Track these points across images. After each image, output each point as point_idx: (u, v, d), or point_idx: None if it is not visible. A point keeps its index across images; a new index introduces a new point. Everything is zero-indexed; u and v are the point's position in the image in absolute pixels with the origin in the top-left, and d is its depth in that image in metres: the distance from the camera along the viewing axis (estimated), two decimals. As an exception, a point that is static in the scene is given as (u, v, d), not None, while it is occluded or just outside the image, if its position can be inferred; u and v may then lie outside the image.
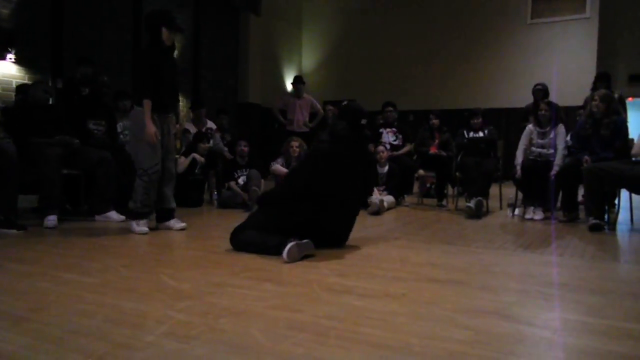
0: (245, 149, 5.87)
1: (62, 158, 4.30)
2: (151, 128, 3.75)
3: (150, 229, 3.97)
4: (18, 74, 6.62)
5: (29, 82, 5.96)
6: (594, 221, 4.31)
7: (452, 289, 2.43)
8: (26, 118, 4.40)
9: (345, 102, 3.81)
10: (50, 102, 4.72)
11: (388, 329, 1.84)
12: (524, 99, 9.96)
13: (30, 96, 4.60)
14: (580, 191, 4.90)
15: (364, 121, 3.37)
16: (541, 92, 6.20)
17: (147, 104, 3.74)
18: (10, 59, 6.50)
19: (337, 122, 3.42)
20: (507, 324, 1.92)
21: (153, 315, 1.96)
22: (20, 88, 5.40)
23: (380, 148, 6.10)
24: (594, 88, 5.90)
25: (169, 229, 4.06)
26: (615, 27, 10.56)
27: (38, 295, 2.20)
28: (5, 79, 6.46)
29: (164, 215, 4.11)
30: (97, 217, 4.52)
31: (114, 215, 4.49)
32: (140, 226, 3.85)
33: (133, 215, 3.89)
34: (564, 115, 6.36)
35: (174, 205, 4.15)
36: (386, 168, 5.96)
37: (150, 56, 3.83)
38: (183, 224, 4.10)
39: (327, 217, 3.25)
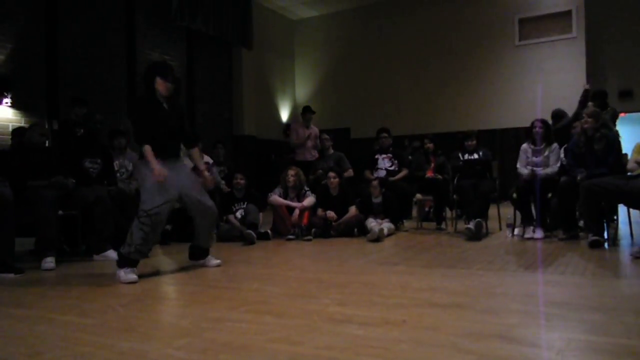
0: (242, 181, 5.88)
1: (58, 199, 4.29)
2: (158, 168, 3.51)
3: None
4: (14, 117, 6.69)
5: (25, 126, 5.99)
6: (593, 238, 4.30)
7: (453, 313, 2.41)
8: (23, 161, 4.42)
9: None
10: (47, 145, 4.74)
11: (389, 357, 1.82)
12: (516, 119, 10.17)
13: (26, 139, 4.64)
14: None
15: None
16: (557, 116, 6.29)
17: (147, 149, 3.56)
18: (7, 103, 6.58)
19: None
20: (511, 347, 1.90)
21: (152, 354, 1.94)
22: (16, 131, 5.45)
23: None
24: (583, 102, 6.03)
25: (204, 266, 3.96)
26: (602, 44, 10.74)
27: (36, 340, 2.17)
28: (2, 123, 6.52)
29: (199, 253, 4.00)
30: (95, 257, 4.49)
31: (112, 254, 4.41)
32: (129, 274, 3.43)
33: (123, 261, 3.48)
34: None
35: (210, 245, 4.04)
36: (380, 199, 5.90)
37: (142, 103, 3.73)
38: (218, 261, 3.99)
39: None
